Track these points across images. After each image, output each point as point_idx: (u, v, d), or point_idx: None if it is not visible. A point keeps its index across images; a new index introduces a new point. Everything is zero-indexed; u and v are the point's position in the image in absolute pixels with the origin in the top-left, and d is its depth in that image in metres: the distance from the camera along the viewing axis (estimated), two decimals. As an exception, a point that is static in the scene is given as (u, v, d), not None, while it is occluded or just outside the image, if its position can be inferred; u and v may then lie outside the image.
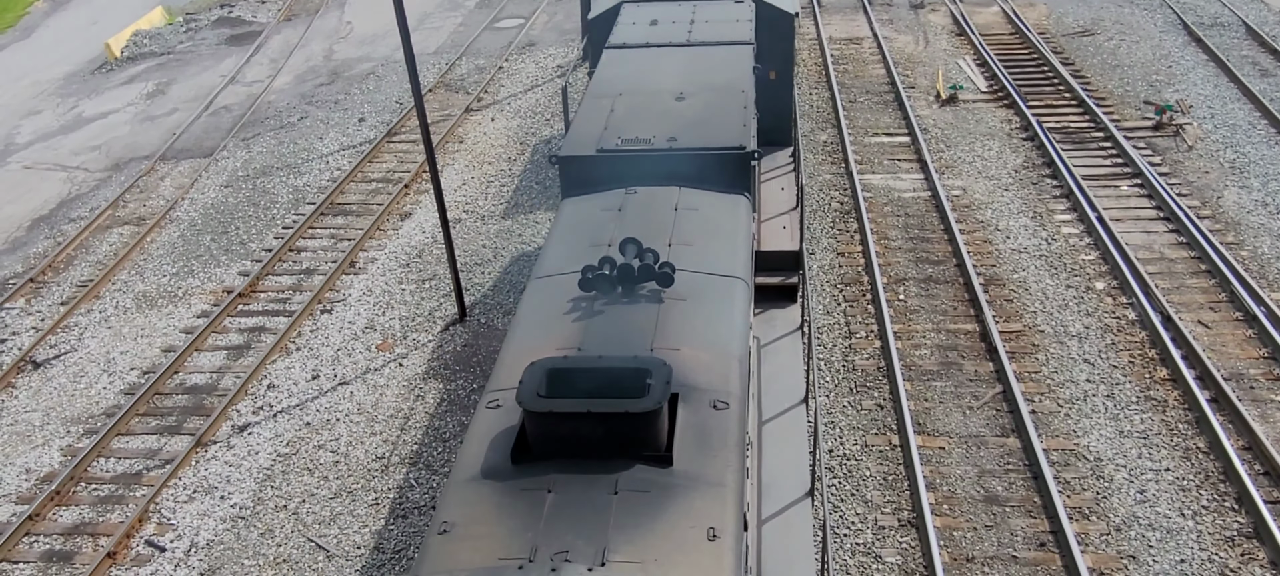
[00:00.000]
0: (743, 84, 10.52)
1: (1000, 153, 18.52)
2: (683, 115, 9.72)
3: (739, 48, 11.67)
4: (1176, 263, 14.69)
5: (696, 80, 10.61)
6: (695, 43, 11.88)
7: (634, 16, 13.25)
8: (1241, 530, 10.25)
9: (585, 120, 9.84)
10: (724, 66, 10.99)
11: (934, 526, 10.46)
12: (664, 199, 8.69)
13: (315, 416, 12.94)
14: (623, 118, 9.81)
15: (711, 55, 11.44)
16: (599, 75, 11.07)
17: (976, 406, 12.21)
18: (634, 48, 11.94)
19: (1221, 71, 21.09)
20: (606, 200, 8.84)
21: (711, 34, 12.14)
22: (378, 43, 27.45)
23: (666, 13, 13.25)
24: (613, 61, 11.56)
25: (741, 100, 10.08)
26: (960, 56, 23.25)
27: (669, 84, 10.60)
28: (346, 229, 17.46)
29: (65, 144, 22.59)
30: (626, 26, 12.77)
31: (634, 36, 12.32)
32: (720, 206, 8.72)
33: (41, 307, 15.96)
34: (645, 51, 11.80)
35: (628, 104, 10.14)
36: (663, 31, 12.43)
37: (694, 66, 11.09)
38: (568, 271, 7.73)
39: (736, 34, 12.10)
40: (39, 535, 11.36)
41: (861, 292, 14.56)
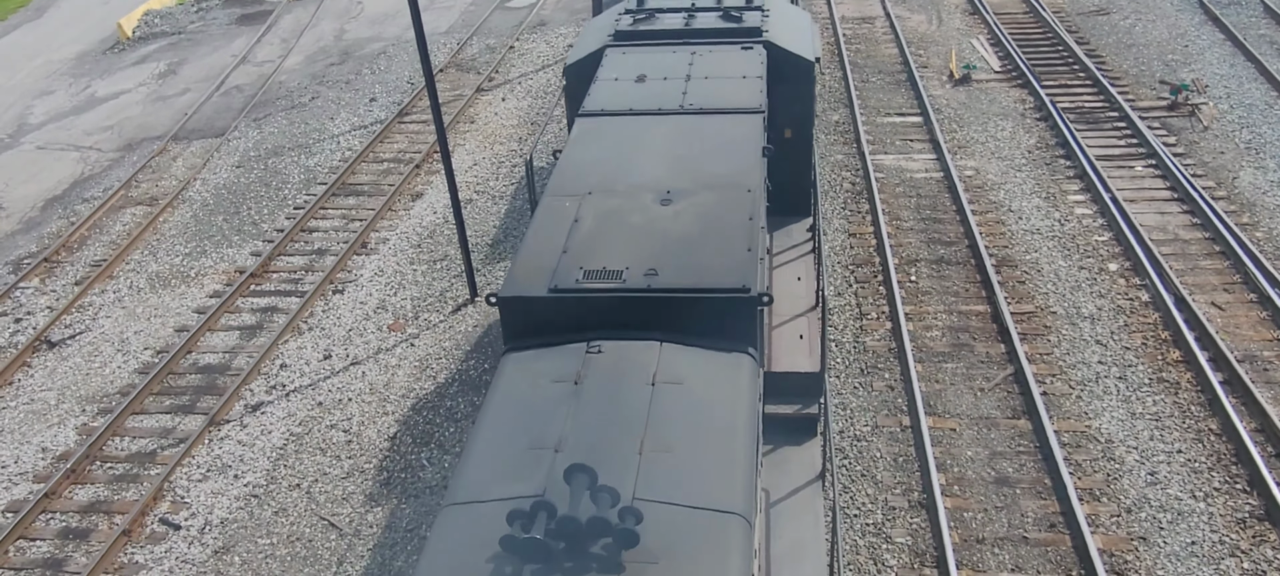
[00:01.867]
0: (750, 177, 8.17)
1: (1013, 133, 18.41)
2: (669, 231, 7.44)
3: (746, 118, 9.29)
4: (1190, 244, 14.60)
5: (690, 170, 8.34)
6: (691, 109, 9.51)
7: (618, 67, 10.79)
8: (1253, 512, 10.23)
9: (540, 235, 7.56)
10: (727, 148, 8.68)
11: (944, 507, 10.47)
12: (638, 364, 6.40)
13: (327, 396, 13.01)
14: (589, 233, 7.49)
15: (711, 129, 9.07)
16: (566, 159, 8.74)
17: (988, 388, 12.19)
18: (614, 116, 9.55)
19: (1238, 50, 20.88)
20: (560, 363, 6.50)
21: (712, 96, 9.78)
22: (389, 22, 27.41)
23: (658, 63, 10.80)
24: (585, 137, 9.17)
25: (747, 207, 7.70)
26: (973, 36, 23.09)
27: (654, 175, 8.27)
28: (358, 209, 17.50)
29: (78, 124, 22.67)
30: (607, 84, 10.36)
31: (615, 98, 9.96)
32: (714, 377, 6.44)
33: (56, 287, 16.07)
34: (628, 122, 9.39)
35: (598, 209, 7.82)
36: (652, 92, 10.02)
37: (688, 146, 8.78)
38: (491, 499, 5.53)
39: (743, 96, 9.75)
40: (55, 513, 11.48)
41: (873, 274, 14.53)
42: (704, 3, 12.47)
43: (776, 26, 11.74)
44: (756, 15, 11.76)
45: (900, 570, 9.91)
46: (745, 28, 11.43)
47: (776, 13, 12.28)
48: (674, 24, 11.83)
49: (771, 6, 12.34)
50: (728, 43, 11.19)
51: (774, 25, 11.72)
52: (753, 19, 11.63)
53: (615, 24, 11.97)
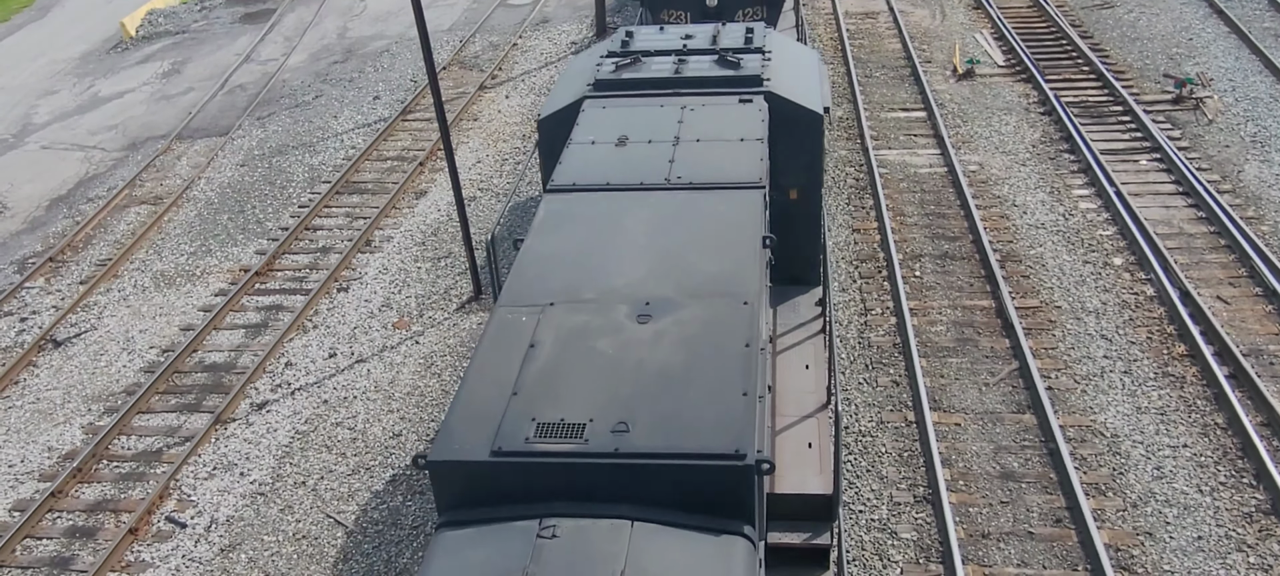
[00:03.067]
0: (748, 280, 6.71)
1: (1017, 127, 18.38)
2: (646, 365, 6.01)
3: (744, 196, 7.79)
4: (1196, 238, 14.57)
5: (676, 271, 6.90)
6: (680, 184, 8.11)
7: (596, 125, 9.32)
8: (1259, 506, 10.21)
9: (487, 369, 6.13)
10: (721, 238, 7.26)
11: (949, 502, 10.46)
12: (602, 554, 5.15)
13: (333, 394, 13.03)
14: (547, 367, 6.07)
15: (703, 211, 7.70)
16: (529, 251, 7.34)
17: (993, 382, 12.18)
18: (588, 191, 8.11)
19: (1243, 43, 20.82)
20: (503, 549, 5.25)
21: (704, 166, 8.38)
22: (391, 20, 27.41)
23: (643, 120, 9.34)
24: (553, 221, 7.71)
25: (745, 328, 6.26)
26: (977, 30, 23.04)
27: (631, 278, 6.87)
28: (362, 207, 17.51)
29: (82, 123, 22.71)
30: (582, 149, 8.91)
31: (590, 168, 8.54)
32: (698, 571, 5.19)
33: (61, 287, 16.10)
34: (604, 201, 7.96)
35: (560, 330, 6.39)
36: (634, 159, 8.59)
37: (674, 235, 7.35)
38: None
39: (741, 166, 8.31)
40: (62, 511, 11.51)
41: (877, 269, 14.52)
42: (698, 43, 11.02)
43: (780, 72, 10.32)
44: (757, 59, 10.28)
45: (906, 566, 9.91)
46: (744, 76, 9.89)
47: (780, 55, 10.87)
48: (662, 70, 10.23)
49: (774, 47, 10.97)
50: (724, 92, 9.74)
51: (777, 70, 10.32)
52: (752, 65, 10.14)
53: (595, 70, 10.41)
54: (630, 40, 11.17)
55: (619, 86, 10.12)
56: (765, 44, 10.77)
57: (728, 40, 10.94)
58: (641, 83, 10.12)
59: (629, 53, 10.85)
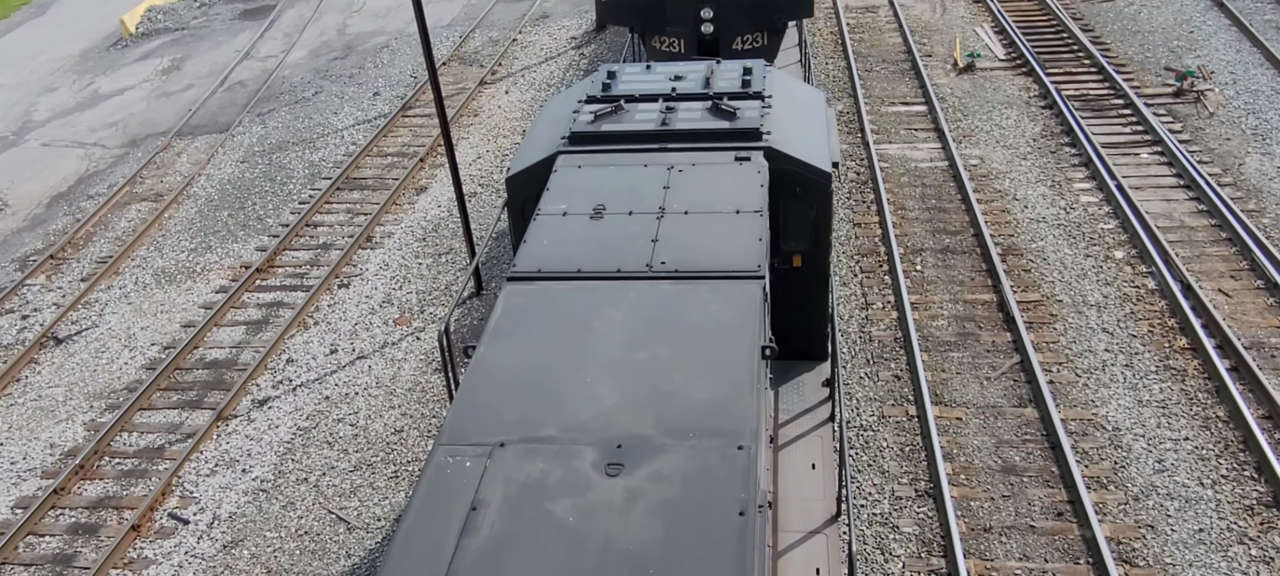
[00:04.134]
0: (743, 413, 5.54)
1: (1018, 121, 18.36)
2: (614, 540, 4.86)
3: (739, 290, 6.66)
4: (1197, 231, 14.56)
5: (656, 396, 5.70)
6: (664, 272, 6.88)
7: (570, 188, 8.09)
8: (1261, 499, 10.21)
9: (414, 545, 4.94)
10: (711, 351, 6.06)
11: (951, 496, 10.47)
12: None
13: (334, 390, 13.04)
14: (490, 540, 4.92)
15: (690, 309, 6.47)
16: (480, 365, 6.07)
17: (994, 377, 12.18)
18: (556, 280, 6.93)
19: (1244, 36, 20.79)
20: None
21: (694, 246, 7.14)
22: (391, 16, 27.38)
23: (624, 183, 8.11)
24: (511, 322, 6.53)
25: (738, 485, 5.12)
26: (978, 24, 23.01)
27: (602, 407, 5.62)
28: (363, 203, 17.51)
29: (82, 121, 22.70)
30: (552, 222, 7.66)
31: (560, 248, 7.30)
32: None
33: (62, 284, 16.11)
34: (574, 295, 6.71)
35: (509, 484, 5.23)
36: (611, 237, 7.37)
37: (656, 345, 6.13)
38: None
39: (736, 247, 7.12)
40: (65, 508, 11.52)
41: (878, 263, 14.51)
42: (689, 85, 9.66)
43: (782, 122, 9.07)
44: (755, 107, 9.03)
45: (908, 560, 9.92)
46: (741, 128, 8.65)
47: (782, 101, 9.57)
48: (648, 120, 8.97)
49: (775, 91, 9.66)
50: (718, 148, 8.50)
51: (779, 120, 9.07)
52: (750, 114, 8.87)
53: (572, 119, 9.18)
54: (612, 82, 9.84)
55: (598, 140, 8.78)
56: (765, 87, 9.47)
57: (723, 82, 9.63)
58: (623, 136, 8.78)
59: (610, 98, 9.49)
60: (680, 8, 14.14)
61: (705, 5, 13.94)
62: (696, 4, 14.00)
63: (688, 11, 14.12)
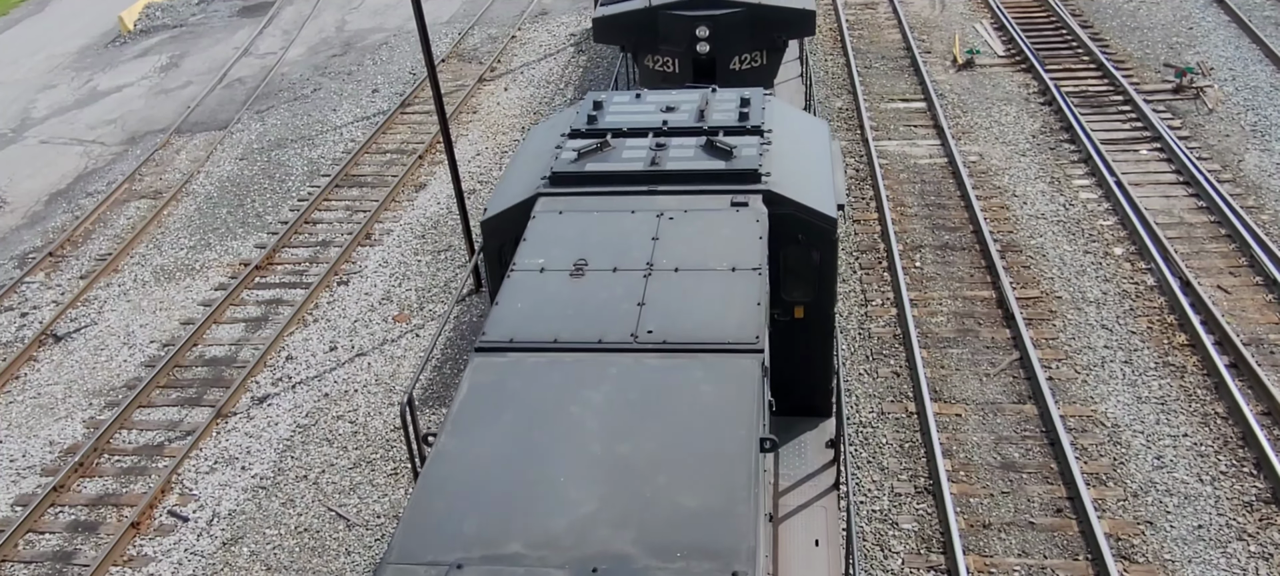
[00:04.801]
0: (740, 526, 4.89)
1: (1017, 117, 18.35)
2: None
3: (735, 367, 5.90)
4: (1196, 227, 14.56)
5: (638, 506, 5.01)
6: (650, 344, 6.12)
7: (548, 239, 7.39)
8: (1260, 495, 10.22)
9: None
10: (702, 443, 5.38)
11: (951, 493, 10.47)
12: None
13: (334, 387, 13.04)
14: None
15: (679, 393, 5.72)
16: (435, 469, 5.37)
17: (993, 373, 12.18)
18: (530, 351, 6.21)
19: (1243, 32, 20.78)
20: None
21: (685, 312, 6.40)
22: (390, 13, 27.36)
23: (608, 233, 7.39)
24: (474, 410, 5.80)
25: None
26: (977, 20, 23.00)
27: (574, 516, 4.97)
28: (362, 200, 17.50)
29: (81, 118, 22.68)
30: (527, 281, 6.91)
31: (535, 314, 6.55)
32: None
33: (61, 281, 16.10)
34: (548, 370, 5.98)
35: None
36: (593, 301, 6.61)
37: (640, 436, 5.45)
38: None
39: (732, 314, 6.36)
40: (64, 506, 11.52)
41: (878, 260, 14.51)
42: (681, 117, 8.95)
43: (783, 160, 8.34)
44: (753, 144, 8.32)
45: (907, 556, 9.92)
46: (737, 169, 7.95)
47: (783, 135, 8.82)
48: (636, 158, 8.25)
49: (776, 124, 8.95)
50: (712, 192, 7.80)
51: (779, 158, 8.32)
52: (748, 153, 8.17)
53: (554, 155, 8.47)
54: (598, 114, 9.13)
55: (581, 181, 8.08)
56: (764, 120, 8.77)
57: (719, 114, 8.92)
58: (609, 177, 8.05)
59: (596, 131, 8.79)
60: (674, 26, 13.38)
61: (700, 24, 13.21)
62: (691, 23, 13.25)
63: (682, 30, 13.36)
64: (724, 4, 13.27)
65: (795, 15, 13.60)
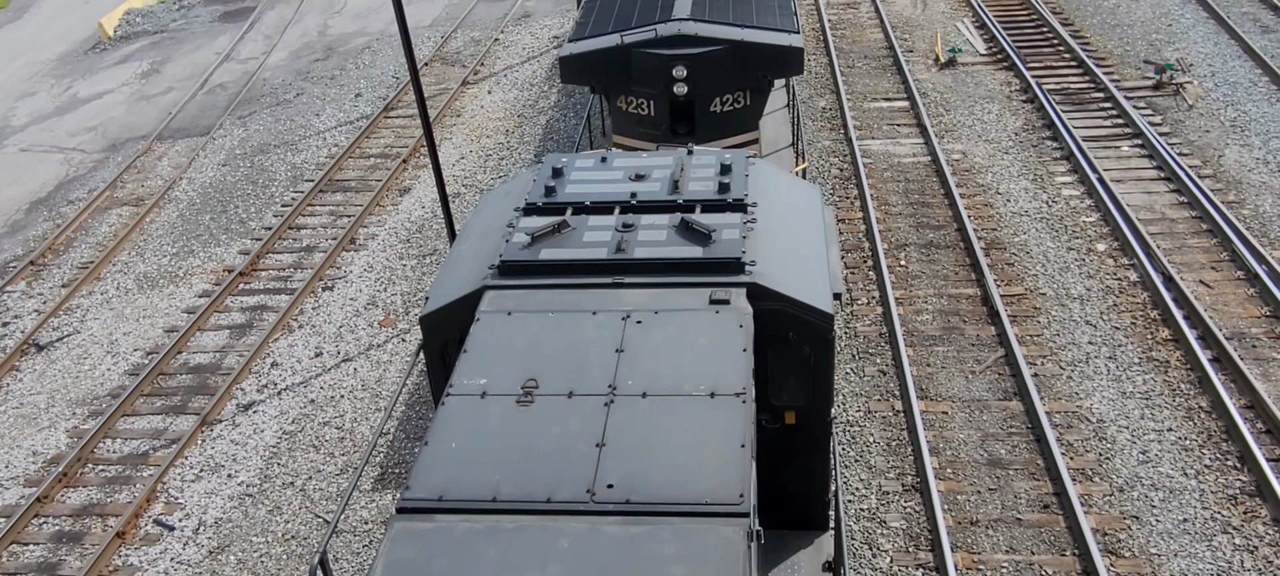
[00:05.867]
0: None
1: (1000, 115, 18.45)
2: None
3: (714, 539, 4.89)
4: (1178, 222, 14.67)
5: None
6: (610, 504, 5.13)
7: (492, 352, 6.25)
8: (1244, 488, 10.30)
9: None
10: None
11: (938, 490, 10.51)
12: None
13: (320, 393, 12.98)
14: None
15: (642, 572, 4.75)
16: None
17: (979, 370, 12.24)
18: (462, 513, 5.16)
19: (1222, 29, 20.95)
20: None
21: (653, 460, 5.35)
22: (372, 16, 27.26)
23: (563, 350, 6.21)
24: None
25: None
26: (958, 19, 23.10)
27: None
28: (346, 205, 17.43)
29: (61, 125, 22.50)
30: (464, 410, 5.84)
31: (471, 460, 5.48)
32: None
33: (43, 290, 15.97)
34: (483, 544, 4.96)
35: None
36: (543, 436, 5.58)
37: None
38: None
39: (709, 462, 5.35)
40: (48, 517, 11.43)
41: (863, 259, 14.55)
42: (652, 188, 7.81)
43: (770, 243, 7.22)
44: (735, 224, 7.19)
45: (895, 554, 9.95)
46: (717, 258, 6.84)
47: (769, 210, 7.64)
48: (599, 242, 7.11)
49: (761, 194, 7.81)
50: (688, 283, 6.70)
51: (766, 241, 7.20)
52: (729, 235, 7.05)
53: (506, 237, 7.34)
54: (558, 183, 7.94)
55: (535, 271, 6.97)
56: (747, 191, 7.64)
57: (696, 183, 7.83)
58: (568, 267, 6.92)
59: (554, 206, 7.66)
60: (649, 66, 12.01)
61: (677, 64, 11.81)
62: (668, 62, 11.84)
63: (658, 70, 11.98)
64: (703, 41, 11.94)
65: (781, 53, 12.24)
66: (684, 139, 12.36)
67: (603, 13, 13.30)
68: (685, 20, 12.13)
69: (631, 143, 12.94)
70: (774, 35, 12.36)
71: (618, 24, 12.71)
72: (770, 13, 13.07)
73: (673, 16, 12.30)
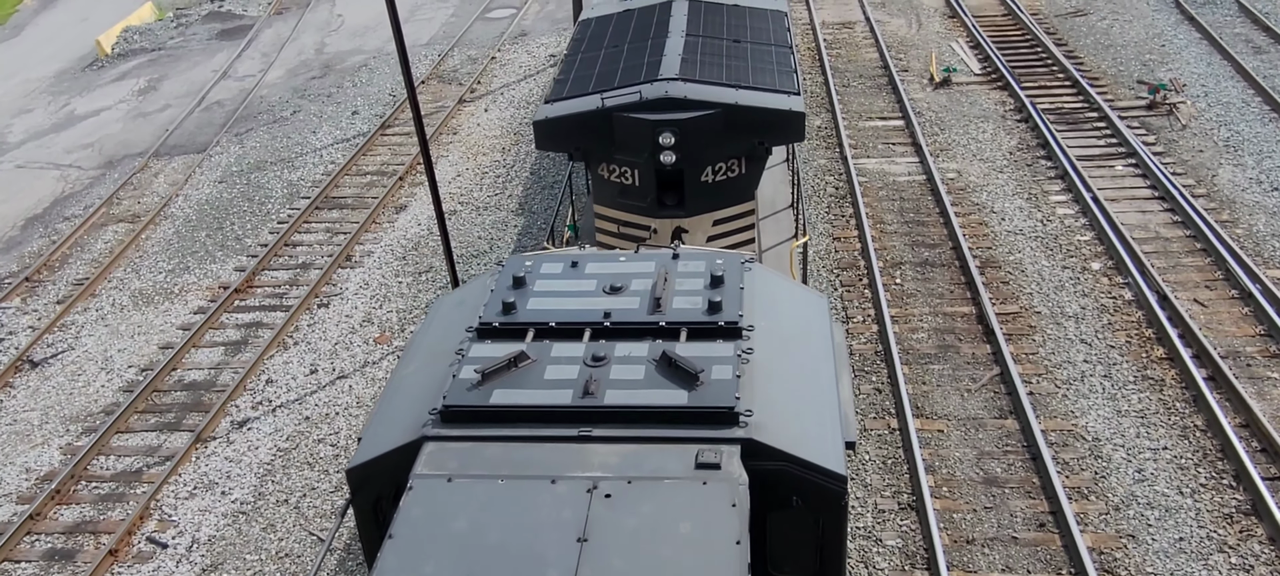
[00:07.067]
0: None
1: (994, 135, 18.53)
2: None
3: None
4: (1172, 241, 14.72)
5: None
6: None
7: (426, 533, 5.11)
8: (1239, 507, 10.30)
9: None
10: None
11: (934, 509, 10.50)
12: None
13: (314, 410, 12.95)
14: None
15: None
16: None
17: (974, 389, 12.24)
18: None
19: (1214, 49, 21.09)
20: None
21: None
22: (369, 35, 27.35)
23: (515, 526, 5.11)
24: None
25: None
26: (953, 39, 23.23)
27: None
28: (342, 222, 17.43)
29: (58, 142, 22.51)
30: None
31: None
32: None
33: (37, 306, 15.93)
34: None
35: None
36: None
37: None
38: None
39: None
40: (40, 534, 11.37)
41: (858, 277, 14.58)
42: (628, 306, 6.54)
43: (769, 383, 5.97)
44: (728, 358, 5.98)
45: (891, 572, 9.93)
46: (705, 408, 5.63)
47: (768, 337, 6.36)
48: (562, 381, 5.89)
49: (759, 314, 6.52)
50: (669, 439, 5.53)
51: (765, 380, 5.96)
52: (720, 375, 5.83)
53: (453, 367, 6.13)
54: (519, 296, 6.69)
55: (483, 419, 5.75)
56: (742, 309, 6.40)
57: (681, 299, 6.55)
58: (522, 415, 5.71)
59: (512, 328, 6.41)
60: (633, 131, 10.64)
61: (665, 129, 10.45)
62: (654, 128, 10.48)
63: (643, 136, 10.61)
64: (693, 105, 10.57)
65: (780, 118, 10.83)
66: (672, 210, 11.11)
67: (583, 70, 11.90)
68: (673, 80, 10.73)
69: (614, 213, 11.54)
70: (772, 97, 10.94)
71: (599, 83, 11.30)
72: (768, 71, 11.67)
73: (660, 76, 10.84)
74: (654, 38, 12.05)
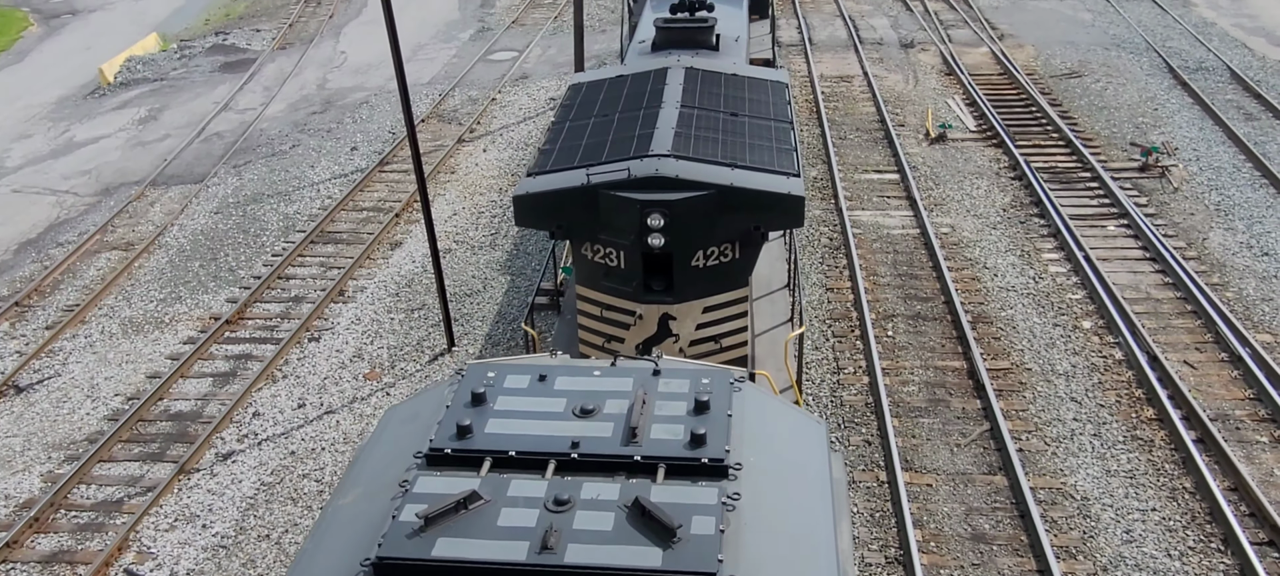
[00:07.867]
0: None
1: (988, 191, 18.65)
2: None
3: None
4: (1162, 303, 14.77)
5: None
6: None
7: None
8: (1227, 571, 10.23)
9: None
10: None
11: (921, 564, 10.41)
12: None
13: (300, 445, 12.85)
14: None
15: None
16: None
17: (964, 443, 12.21)
18: None
19: (1206, 115, 21.32)
20: None
21: None
22: (371, 72, 27.55)
23: None
24: None
25: None
26: (949, 96, 23.47)
27: None
28: (336, 257, 17.43)
29: (55, 168, 22.55)
30: None
31: None
32: None
33: (26, 332, 15.86)
34: None
35: None
36: None
37: None
38: None
39: None
40: (16, 563, 11.21)
41: (850, 328, 14.59)
42: (599, 429, 5.55)
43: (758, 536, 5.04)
44: (711, 503, 4.96)
45: (877, 627, 9.83)
46: (680, 573, 4.60)
47: (758, 475, 5.42)
48: (517, 531, 4.87)
49: (748, 448, 5.51)
50: None
51: (753, 532, 5.02)
52: (701, 525, 4.82)
53: (395, 507, 4.99)
54: (475, 417, 5.67)
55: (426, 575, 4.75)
56: (729, 441, 5.38)
57: (660, 424, 5.59)
58: (468, 573, 4.74)
59: (466, 457, 5.45)
60: (619, 211, 9.80)
61: (653, 210, 9.63)
62: (642, 208, 9.66)
63: (630, 216, 9.78)
64: (684, 185, 9.71)
65: (779, 201, 9.89)
66: (660, 296, 10.44)
67: (569, 141, 11.06)
68: (664, 156, 9.83)
69: (597, 296, 10.79)
70: (770, 179, 10.04)
71: (585, 156, 10.48)
72: (766, 149, 10.75)
73: (650, 151, 9.94)
74: (646, 108, 11.25)
